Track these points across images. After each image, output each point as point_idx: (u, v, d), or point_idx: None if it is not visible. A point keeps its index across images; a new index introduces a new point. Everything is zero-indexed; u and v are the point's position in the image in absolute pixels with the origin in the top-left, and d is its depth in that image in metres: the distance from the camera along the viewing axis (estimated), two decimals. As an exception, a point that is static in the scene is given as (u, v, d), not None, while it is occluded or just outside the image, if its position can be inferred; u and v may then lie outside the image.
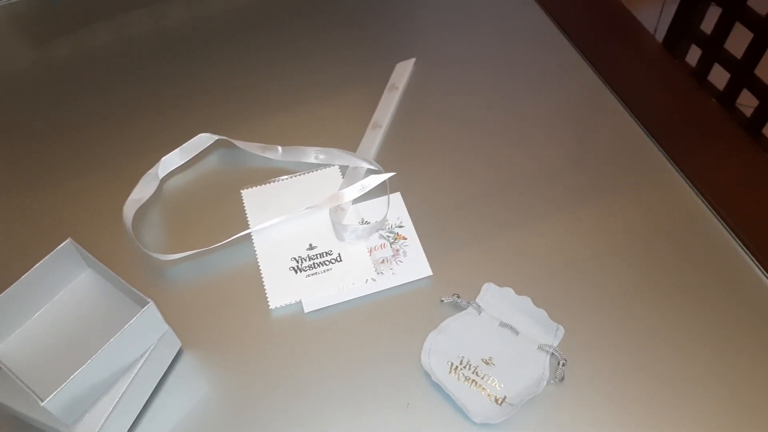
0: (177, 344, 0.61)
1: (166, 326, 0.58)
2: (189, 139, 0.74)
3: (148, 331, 0.56)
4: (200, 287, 0.65)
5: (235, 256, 0.67)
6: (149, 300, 0.55)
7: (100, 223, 0.70)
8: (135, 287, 0.57)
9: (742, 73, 0.95)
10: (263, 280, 0.65)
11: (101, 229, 0.69)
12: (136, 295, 0.57)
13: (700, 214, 0.69)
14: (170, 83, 0.83)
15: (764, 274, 0.64)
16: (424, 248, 0.66)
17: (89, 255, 0.60)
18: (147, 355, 0.57)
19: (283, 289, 0.64)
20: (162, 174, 0.74)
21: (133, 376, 0.55)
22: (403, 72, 0.81)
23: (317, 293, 0.64)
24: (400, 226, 0.68)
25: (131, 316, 0.54)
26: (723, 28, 0.96)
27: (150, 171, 0.73)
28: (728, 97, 0.99)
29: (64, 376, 0.51)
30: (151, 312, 0.55)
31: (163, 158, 0.73)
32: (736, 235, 0.67)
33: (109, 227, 0.69)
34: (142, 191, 0.72)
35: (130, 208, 0.70)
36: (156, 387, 0.59)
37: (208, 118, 0.79)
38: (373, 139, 0.75)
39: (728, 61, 0.97)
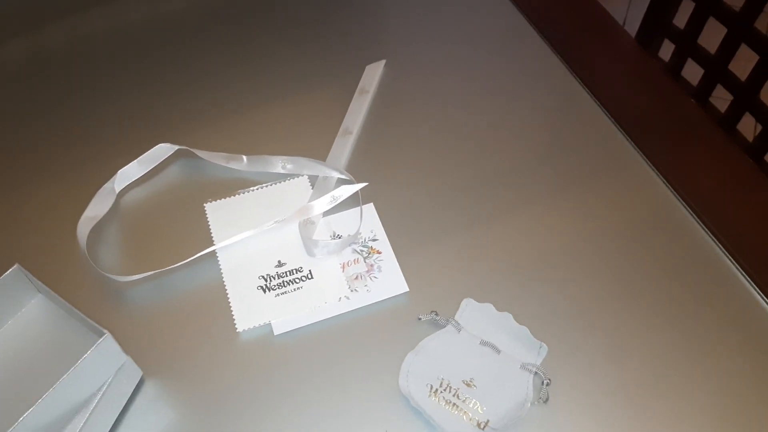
0: (138, 373, 0.57)
1: (125, 356, 0.54)
2: (147, 150, 0.70)
3: (104, 363, 0.52)
4: (162, 310, 0.61)
5: (198, 275, 0.63)
6: (105, 331, 0.51)
7: (52, 244, 0.65)
8: (91, 312, 0.53)
9: (716, 68, 0.94)
10: (229, 301, 0.61)
11: (53, 251, 0.65)
12: (91, 325, 0.53)
13: (680, 217, 0.67)
14: (126, 89, 0.78)
15: (748, 281, 0.62)
16: (399, 262, 0.63)
17: (38, 281, 0.55)
18: (105, 388, 0.53)
19: (251, 311, 0.60)
20: (119, 188, 0.69)
21: (89, 413, 0.51)
22: (373, 74, 0.77)
23: (287, 314, 0.60)
24: (374, 240, 0.65)
25: (87, 346, 0.50)
26: (696, 23, 0.94)
27: (105, 185, 0.68)
28: (702, 92, 0.98)
29: (14, 417, 0.47)
30: (107, 344, 0.51)
31: (119, 171, 0.69)
32: (716, 237, 0.65)
33: (62, 248, 0.65)
34: (97, 207, 0.67)
35: (84, 227, 0.65)
36: (116, 420, 0.55)
37: (168, 127, 0.74)
38: (344, 146, 0.71)
39: (702, 57, 0.96)
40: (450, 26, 0.84)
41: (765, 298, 0.61)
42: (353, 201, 0.67)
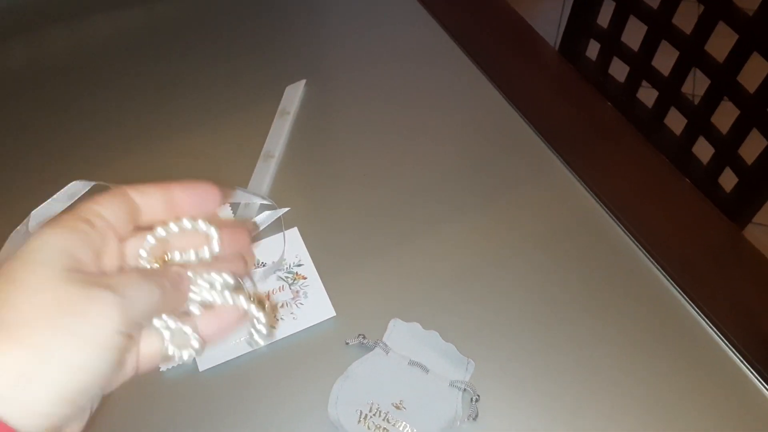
0: (58, 423, 0.55)
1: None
2: (61, 188, 0.67)
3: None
4: (82, 354, 0.59)
5: (119, 315, 0.61)
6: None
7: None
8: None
9: (640, 65, 0.96)
10: (152, 339, 0.59)
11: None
12: None
13: (601, 221, 0.67)
14: (35, 121, 0.76)
15: (667, 279, 0.63)
16: (325, 287, 0.62)
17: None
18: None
19: (174, 348, 0.59)
20: (33, 230, 0.66)
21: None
22: (293, 95, 0.76)
23: (212, 348, 0.59)
24: (299, 265, 0.64)
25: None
26: (618, 22, 0.96)
27: (19, 227, 0.65)
28: (629, 89, 0.99)
29: None
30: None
31: (32, 212, 0.66)
32: (635, 238, 0.65)
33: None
34: (11, 251, 0.64)
35: (-3, 272, 0.62)
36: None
37: (82, 161, 0.72)
38: (266, 170, 0.70)
39: (626, 55, 0.98)
40: (370, 44, 0.84)
41: (684, 295, 0.62)
42: (277, 227, 0.66)
